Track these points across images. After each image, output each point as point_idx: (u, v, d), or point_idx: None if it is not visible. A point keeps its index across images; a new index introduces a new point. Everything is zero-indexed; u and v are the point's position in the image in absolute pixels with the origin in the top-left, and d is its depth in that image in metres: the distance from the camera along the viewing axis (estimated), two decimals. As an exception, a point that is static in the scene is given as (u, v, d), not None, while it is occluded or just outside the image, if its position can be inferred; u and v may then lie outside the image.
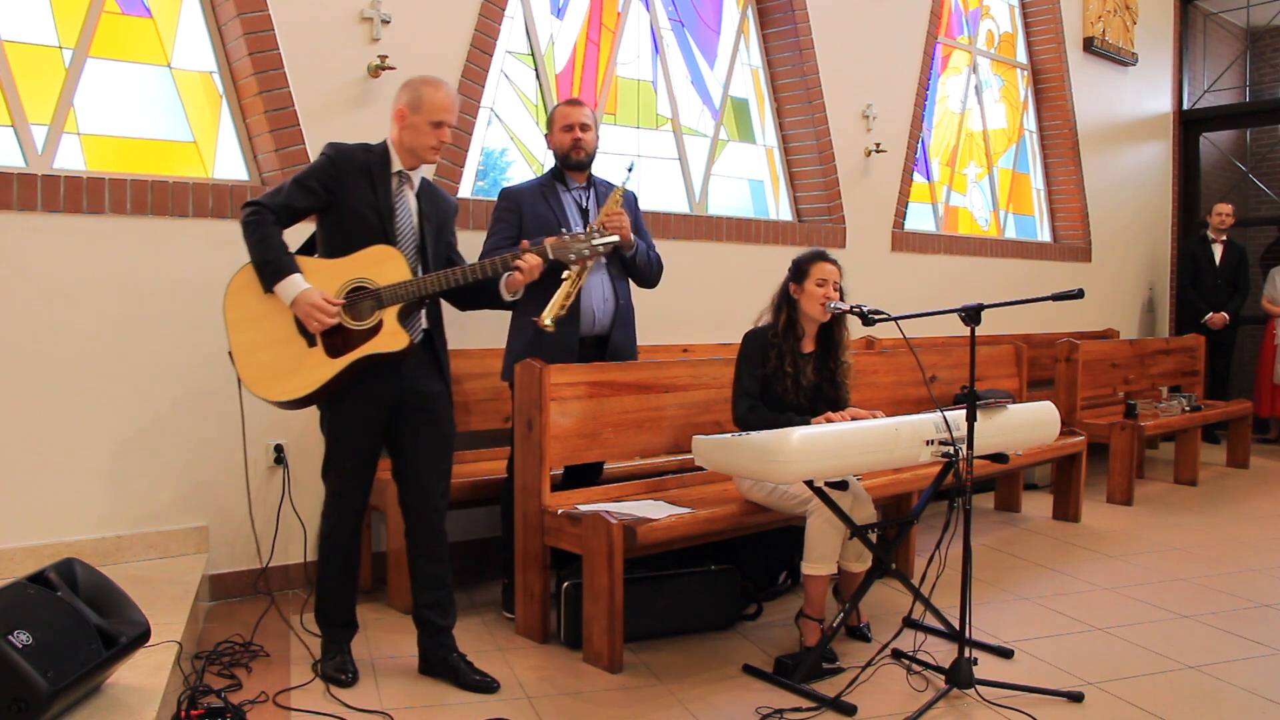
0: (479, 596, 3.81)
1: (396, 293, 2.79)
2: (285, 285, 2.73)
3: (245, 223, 2.77)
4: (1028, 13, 7.26)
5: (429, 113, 2.85)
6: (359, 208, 2.82)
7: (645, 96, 5.10)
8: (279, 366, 2.77)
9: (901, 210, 6.06)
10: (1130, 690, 2.96)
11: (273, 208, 2.76)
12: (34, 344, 3.27)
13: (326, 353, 2.77)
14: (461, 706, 2.80)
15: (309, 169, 2.85)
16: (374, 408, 2.86)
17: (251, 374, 2.77)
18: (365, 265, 2.80)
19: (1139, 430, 5.51)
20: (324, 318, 2.72)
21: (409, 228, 2.89)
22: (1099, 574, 4.17)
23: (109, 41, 3.56)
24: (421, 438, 2.92)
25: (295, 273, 2.74)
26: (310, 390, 2.76)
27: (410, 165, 2.91)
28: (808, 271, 3.33)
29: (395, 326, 2.79)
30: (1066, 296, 2.93)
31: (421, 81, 2.90)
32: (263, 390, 2.78)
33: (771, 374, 3.32)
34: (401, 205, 2.89)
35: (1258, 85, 9.07)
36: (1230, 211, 7.42)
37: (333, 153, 2.85)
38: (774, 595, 3.80)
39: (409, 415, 2.90)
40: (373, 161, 2.87)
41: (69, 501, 3.33)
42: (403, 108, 2.87)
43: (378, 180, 2.85)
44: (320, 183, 2.81)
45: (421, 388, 2.91)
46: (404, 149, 2.89)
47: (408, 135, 2.87)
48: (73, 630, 2.21)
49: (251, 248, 2.76)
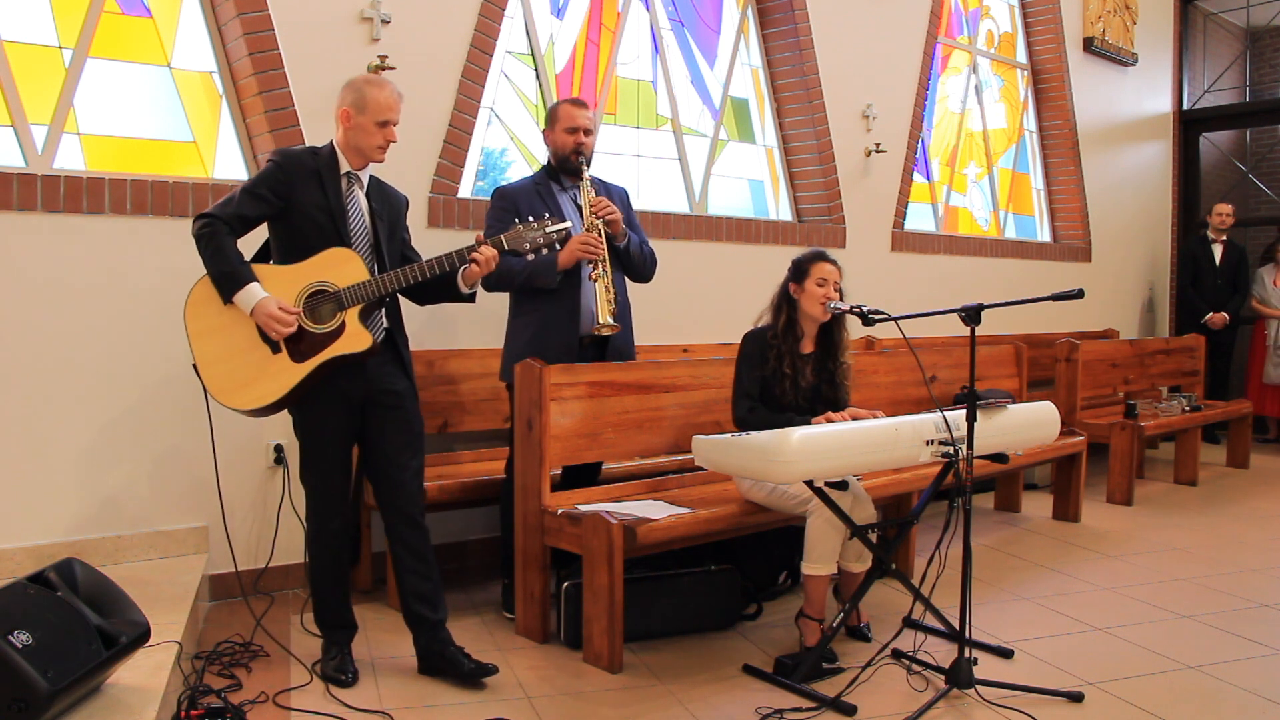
0: (479, 596, 3.81)
1: (356, 293, 2.80)
2: (243, 295, 2.74)
3: (198, 235, 2.75)
4: (1028, 13, 7.26)
5: (374, 112, 2.86)
6: (311, 211, 2.83)
7: (645, 96, 5.10)
8: (244, 375, 2.78)
9: (901, 210, 6.06)
10: (1130, 690, 2.96)
11: (225, 218, 2.76)
12: (34, 344, 3.27)
13: (291, 358, 2.78)
14: (461, 706, 2.80)
15: (258, 176, 2.85)
16: (343, 408, 2.88)
17: (218, 384, 2.79)
18: (323, 268, 2.81)
19: (1139, 430, 5.51)
20: (282, 327, 2.74)
21: (362, 227, 2.90)
22: (1099, 574, 4.17)
23: (109, 41, 3.56)
24: (392, 434, 2.94)
25: (252, 282, 2.75)
26: (278, 397, 2.78)
27: (358, 165, 2.92)
28: (808, 271, 3.33)
29: (358, 327, 2.81)
30: (1066, 296, 2.93)
31: (364, 81, 2.92)
32: (231, 400, 2.79)
33: (770, 375, 3.32)
34: (353, 206, 2.90)
35: (1258, 85, 9.07)
36: (1230, 211, 7.42)
37: (280, 158, 2.86)
38: (774, 595, 3.80)
39: (378, 413, 2.93)
40: (321, 164, 2.87)
41: (69, 501, 3.33)
42: (347, 108, 2.87)
43: (327, 182, 2.86)
44: (270, 189, 2.81)
45: (388, 385, 2.93)
46: (351, 149, 2.90)
47: (354, 136, 2.88)
48: (73, 630, 2.21)
49: (207, 260, 2.76)
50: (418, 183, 4.00)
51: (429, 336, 3.98)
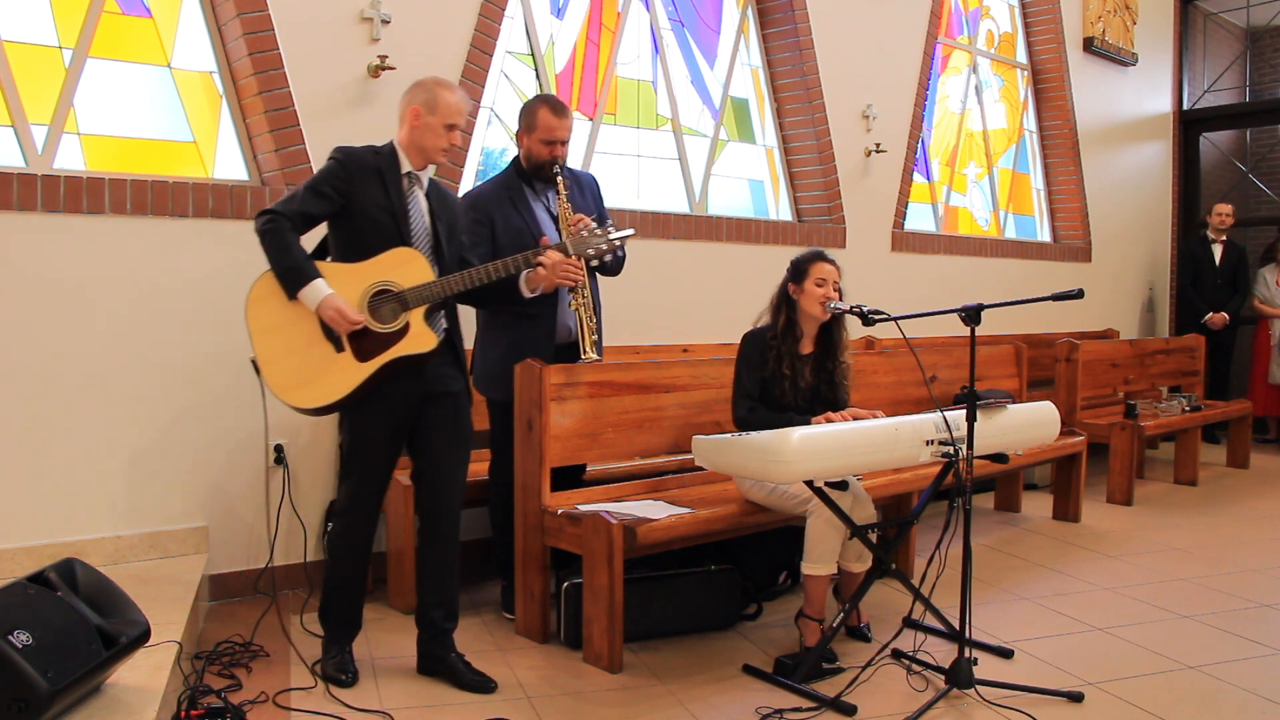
0: (479, 596, 3.80)
1: (421, 294, 2.79)
2: (308, 291, 2.72)
3: (262, 231, 2.74)
4: (1028, 13, 7.26)
5: (444, 114, 2.86)
6: (372, 211, 2.81)
7: (645, 96, 5.10)
8: (307, 372, 2.75)
9: (901, 210, 6.06)
10: (1130, 690, 2.96)
11: (288, 214, 2.74)
12: (33, 344, 3.27)
13: (355, 357, 2.76)
14: (461, 706, 2.80)
15: (320, 174, 2.83)
16: (399, 410, 2.86)
17: (279, 381, 2.75)
18: (388, 268, 2.79)
19: (1139, 430, 5.51)
20: (344, 323, 2.72)
21: (422, 228, 2.89)
22: (1099, 574, 4.17)
23: (109, 41, 3.56)
24: (443, 438, 2.93)
25: (318, 278, 2.73)
26: (342, 395, 2.75)
27: (419, 166, 2.91)
28: (807, 271, 3.33)
29: (423, 328, 2.80)
30: (1066, 296, 2.93)
31: (435, 83, 2.90)
32: (292, 397, 2.76)
33: (770, 376, 3.32)
34: (414, 206, 2.89)
35: (1258, 85, 9.07)
36: (1230, 211, 7.42)
37: (342, 156, 2.84)
38: (774, 595, 3.80)
39: (431, 415, 2.90)
40: (382, 163, 2.86)
41: (69, 501, 3.33)
42: (418, 107, 2.86)
43: (389, 182, 2.84)
44: (333, 187, 2.80)
45: (444, 387, 2.92)
46: (414, 149, 2.89)
47: (420, 135, 2.86)
48: (73, 630, 2.21)
49: (271, 256, 2.74)
50: (418, 183, 4.00)
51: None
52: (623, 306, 4.31)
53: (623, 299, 4.19)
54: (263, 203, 3.65)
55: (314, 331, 2.76)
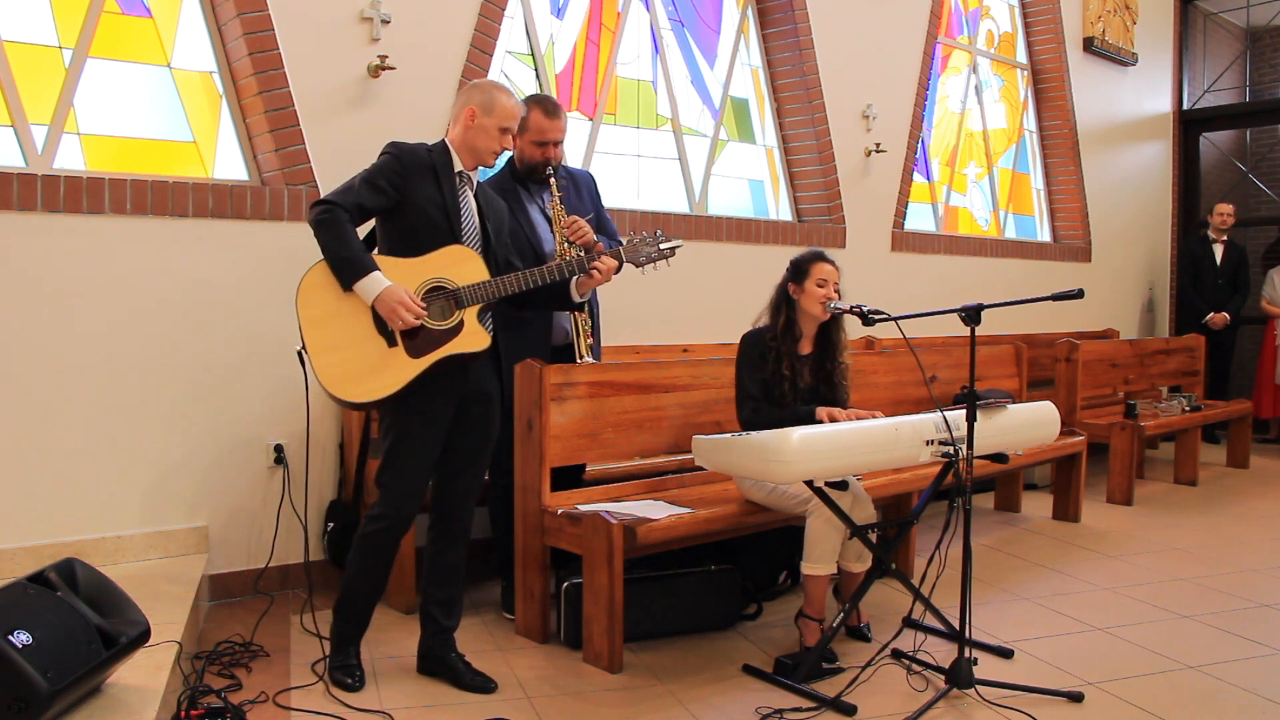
0: (479, 596, 3.80)
1: (476, 293, 2.78)
2: (366, 283, 2.69)
3: (319, 220, 2.70)
4: (1028, 13, 7.26)
5: (500, 118, 2.85)
6: (425, 207, 2.80)
7: (645, 96, 5.10)
8: (359, 366, 2.71)
9: (901, 210, 6.06)
10: (1130, 690, 2.96)
11: (345, 206, 2.71)
12: (33, 344, 3.27)
13: (408, 353, 2.73)
14: (461, 706, 2.80)
15: (376, 168, 2.80)
16: (442, 408, 2.83)
17: (330, 374, 2.70)
18: (443, 265, 2.78)
19: (1139, 430, 5.51)
20: (409, 316, 2.69)
21: (472, 227, 2.89)
22: (1099, 574, 4.17)
23: (109, 41, 3.56)
24: (473, 441, 2.92)
25: (375, 270, 2.70)
26: (395, 390, 2.71)
27: (470, 166, 2.90)
28: (807, 271, 3.33)
29: (477, 326, 2.80)
30: (1066, 296, 2.93)
31: (493, 86, 2.91)
32: (343, 390, 2.71)
33: (770, 377, 3.32)
34: (465, 205, 2.88)
35: (1258, 85, 9.07)
36: (1231, 211, 7.42)
37: (397, 151, 2.82)
38: (774, 595, 3.80)
39: (466, 416, 2.89)
40: (436, 160, 2.85)
41: (69, 501, 3.33)
42: (475, 108, 2.85)
43: (443, 179, 2.84)
44: (389, 182, 2.77)
45: (483, 388, 2.91)
46: (467, 149, 2.88)
47: (474, 136, 2.86)
48: (73, 630, 2.21)
49: (327, 245, 2.70)
50: (418, 183, 4.00)
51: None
52: (623, 306, 4.31)
53: (623, 299, 4.20)
54: (263, 203, 3.65)
55: (367, 325, 2.72)
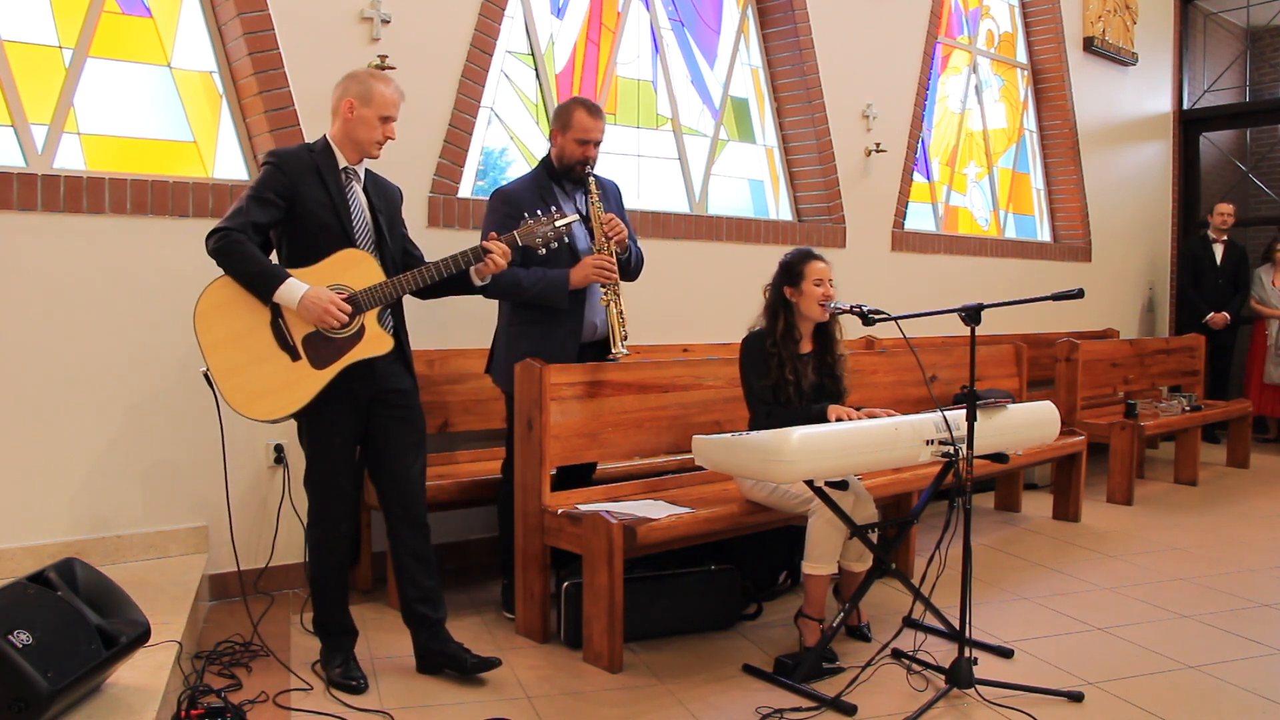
0: (479, 596, 3.80)
1: (374, 296, 2.78)
2: (286, 290, 2.69)
3: (217, 249, 2.69)
4: (1028, 13, 7.26)
5: (379, 107, 2.83)
6: (315, 210, 2.78)
7: (645, 96, 5.10)
8: (265, 384, 2.72)
9: (901, 210, 6.06)
10: (1130, 690, 2.96)
11: (239, 227, 2.70)
12: (34, 343, 3.27)
13: (312, 365, 2.74)
14: (461, 706, 2.80)
15: (259, 181, 2.78)
16: (352, 411, 2.85)
17: (238, 395, 2.72)
18: (338, 271, 2.77)
19: (1139, 430, 5.51)
20: (339, 314, 2.70)
21: (364, 224, 2.87)
22: (1099, 574, 4.17)
23: (109, 41, 3.56)
24: (396, 434, 2.92)
25: (290, 277, 2.71)
26: (303, 404, 2.73)
27: (354, 160, 2.87)
28: (802, 273, 3.32)
29: (378, 330, 2.80)
30: (1066, 296, 2.93)
31: (369, 74, 2.89)
32: (253, 410, 2.72)
33: (775, 383, 3.31)
34: (354, 202, 2.86)
35: (1258, 85, 9.07)
36: (1231, 211, 7.42)
37: (276, 159, 2.80)
38: (774, 595, 3.80)
39: (383, 414, 2.90)
40: (319, 161, 2.82)
41: (69, 501, 3.33)
42: (352, 99, 2.82)
43: (328, 179, 2.81)
44: (275, 192, 2.75)
45: (394, 385, 2.91)
46: (349, 143, 2.85)
47: (354, 128, 2.83)
48: (73, 630, 2.21)
49: (235, 266, 2.70)
50: (418, 182, 4.00)
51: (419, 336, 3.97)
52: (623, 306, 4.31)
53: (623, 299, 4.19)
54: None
55: (268, 342, 2.73)
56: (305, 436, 2.89)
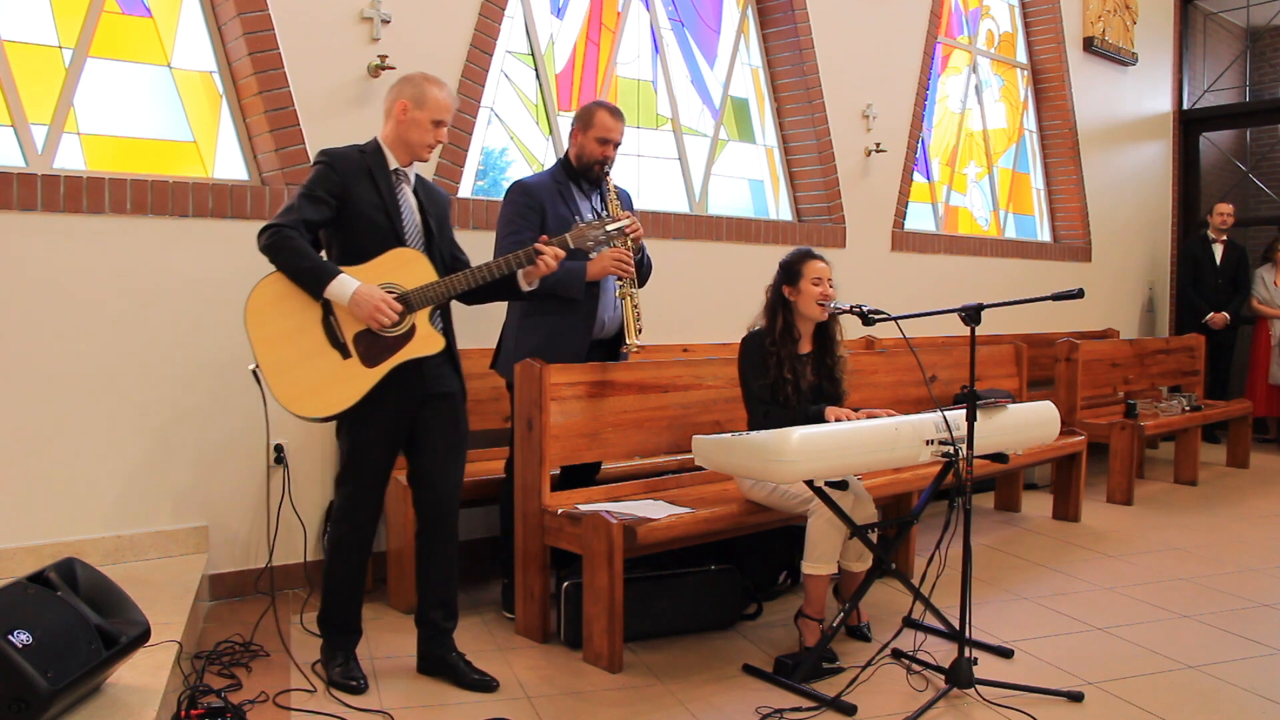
0: (479, 596, 3.80)
1: (425, 295, 2.77)
2: (337, 286, 2.67)
3: (269, 245, 2.68)
4: (1028, 13, 7.26)
5: (433, 110, 2.83)
6: (366, 210, 2.78)
7: (645, 96, 5.10)
8: (315, 381, 2.70)
9: (901, 210, 6.06)
10: (1130, 690, 2.96)
11: (291, 224, 2.70)
12: (33, 344, 3.27)
13: (363, 363, 2.72)
14: (461, 706, 2.80)
15: (311, 179, 2.78)
16: (399, 413, 2.83)
17: (289, 392, 2.68)
18: (390, 270, 2.76)
19: (1139, 430, 5.51)
20: (391, 312, 2.69)
21: (414, 225, 2.87)
22: (1099, 574, 4.17)
23: (109, 41, 3.56)
24: (441, 438, 2.91)
25: (342, 273, 2.69)
26: (353, 402, 2.70)
27: (404, 162, 2.88)
28: (801, 272, 3.32)
29: (430, 329, 2.79)
30: (1066, 296, 2.93)
31: (424, 78, 2.88)
32: (302, 408, 2.70)
33: (773, 382, 3.31)
34: (404, 203, 2.86)
35: (1258, 85, 9.07)
36: (1231, 211, 7.42)
37: (329, 159, 2.81)
38: (774, 595, 3.80)
39: (429, 416, 2.88)
40: (370, 162, 2.83)
41: (69, 501, 3.33)
42: (406, 101, 2.83)
43: (379, 180, 2.82)
44: (327, 190, 2.76)
45: (443, 388, 2.90)
46: (400, 144, 2.86)
47: (406, 130, 2.83)
48: (73, 630, 2.21)
49: (286, 262, 2.68)
50: (418, 183, 4.00)
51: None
52: (623, 306, 4.31)
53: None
54: (263, 202, 3.65)
55: (319, 339, 2.72)
56: (345, 434, 2.86)
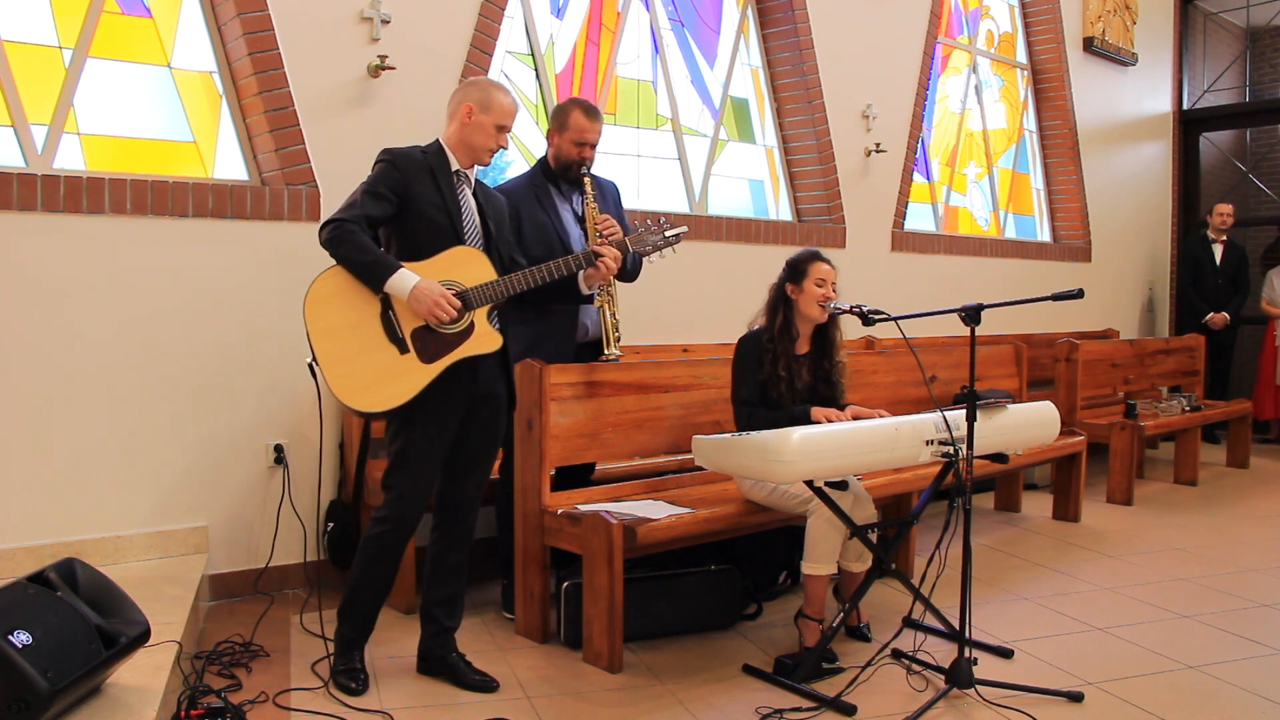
0: (479, 596, 3.80)
1: (485, 294, 2.77)
2: (397, 280, 2.68)
3: (331, 238, 2.68)
4: (1028, 13, 7.26)
5: (498, 115, 2.85)
6: (427, 209, 2.79)
7: (645, 96, 5.10)
8: (372, 375, 2.69)
9: (901, 210, 6.06)
10: (1130, 690, 2.96)
11: (353, 219, 2.70)
12: (33, 344, 3.27)
13: (420, 358, 2.72)
14: (461, 706, 2.80)
15: (375, 178, 2.79)
16: (451, 412, 2.82)
17: (345, 385, 2.67)
18: (450, 267, 2.76)
19: (1139, 430, 5.51)
20: (450, 308, 2.69)
21: (473, 226, 2.88)
22: (1099, 574, 4.17)
23: (109, 41, 3.56)
24: (480, 442, 2.91)
25: (401, 268, 2.70)
26: (410, 397, 2.69)
27: (466, 164, 2.89)
28: (806, 271, 3.33)
29: (488, 328, 2.79)
30: (1066, 296, 2.93)
31: (490, 84, 2.90)
32: (359, 401, 2.68)
33: (766, 379, 3.32)
34: (464, 204, 2.87)
35: (1258, 85, 9.07)
36: (1231, 212, 7.42)
37: (392, 157, 2.81)
38: (774, 595, 3.80)
39: (474, 418, 2.88)
40: (433, 162, 2.84)
41: (69, 501, 3.33)
42: (471, 104, 2.84)
43: (441, 180, 2.83)
44: (390, 189, 2.76)
45: (492, 389, 2.90)
46: (463, 147, 2.87)
47: (470, 133, 2.85)
48: (73, 630, 2.21)
49: (349, 255, 2.68)
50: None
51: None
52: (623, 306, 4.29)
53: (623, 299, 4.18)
54: (263, 203, 3.65)
55: (377, 333, 2.71)
56: (398, 432, 2.83)
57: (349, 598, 2.92)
